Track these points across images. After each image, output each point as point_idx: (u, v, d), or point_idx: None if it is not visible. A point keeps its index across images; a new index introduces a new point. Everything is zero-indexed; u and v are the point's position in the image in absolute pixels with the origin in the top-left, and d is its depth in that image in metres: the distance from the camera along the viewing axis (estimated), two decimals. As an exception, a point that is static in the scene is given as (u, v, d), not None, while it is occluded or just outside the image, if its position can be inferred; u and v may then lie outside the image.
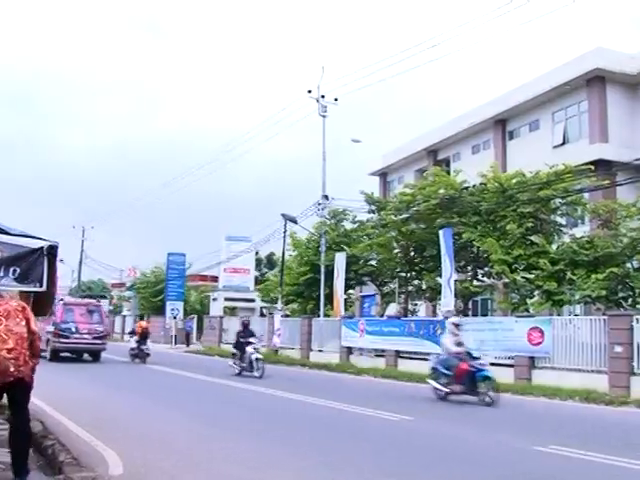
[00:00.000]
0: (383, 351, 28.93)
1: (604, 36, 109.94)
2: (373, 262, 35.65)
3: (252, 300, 55.08)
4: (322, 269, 35.54)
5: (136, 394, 18.63)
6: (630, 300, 23.40)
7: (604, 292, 22.41)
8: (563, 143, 37.11)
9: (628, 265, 23.98)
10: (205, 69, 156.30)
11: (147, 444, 10.38)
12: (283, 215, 37.96)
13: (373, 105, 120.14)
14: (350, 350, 31.21)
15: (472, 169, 30.56)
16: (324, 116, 37.53)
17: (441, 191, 29.46)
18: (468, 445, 11.32)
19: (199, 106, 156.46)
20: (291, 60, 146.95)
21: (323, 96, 37.43)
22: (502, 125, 41.75)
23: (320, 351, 33.31)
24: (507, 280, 27.06)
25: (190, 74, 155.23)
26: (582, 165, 27.37)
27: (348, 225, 38.99)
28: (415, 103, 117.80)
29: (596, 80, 35.22)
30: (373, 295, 40.39)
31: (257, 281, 62.38)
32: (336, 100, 37.75)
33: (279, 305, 39.84)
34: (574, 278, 23.59)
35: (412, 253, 32.83)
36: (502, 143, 41.62)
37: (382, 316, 33.34)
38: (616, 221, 24.90)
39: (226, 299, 54.36)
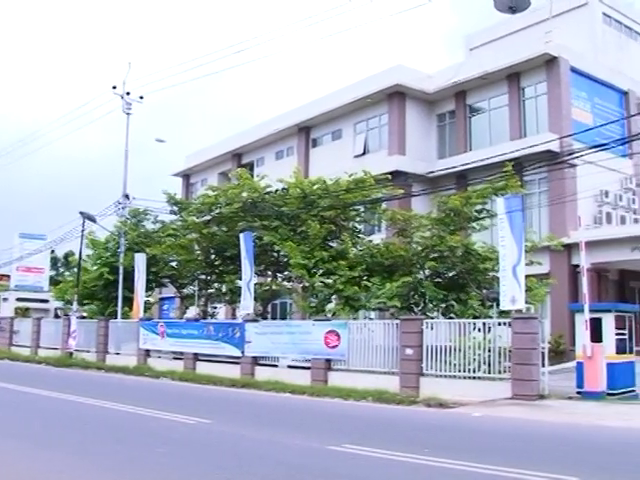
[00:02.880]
0: (182, 354, 28.58)
1: (407, 54, 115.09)
2: (174, 264, 35.16)
3: (46, 301, 52.78)
4: (121, 270, 34.64)
5: None
6: (421, 305, 24.49)
7: (397, 299, 23.30)
8: (364, 153, 38.48)
9: (420, 273, 25.09)
10: None
11: None
12: (81, 213, 36.65)
13: (181, 105, 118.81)
14: (148, 353, 30.58)
15: (276, 174, 30.90)
16: (128, 113, 36.72)
17: (244, 194, 29.56)
18: (261, 446, 11.36)
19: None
20: (98, 53, 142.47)
21: (128, 93, 36.60)
22: (306, 133, 42.67)
23: (117, 354, 32.39)
24: (306, 284, 27.55)
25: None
26: (381, 175, 28.44)
27: (150, 226, 38.23)
28: (223, 106, 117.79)
29: (396, 95, 36.86)
30: (173, 297, 39.87)
31: (53, 281, 59.86)
32: (142, 98, 37.05)
33: (74, 306, 38.37)
34: (369, 285, 24.34)
35: (213, 256, 32.66)
36: (305, 150, 42.53)
37: (182, 318, 32.98)
38: (410, 230, 25.95)
39: (18, 299, 51.76)
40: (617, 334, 19.15)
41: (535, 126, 34.02)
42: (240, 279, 27.69)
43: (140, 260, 32.98)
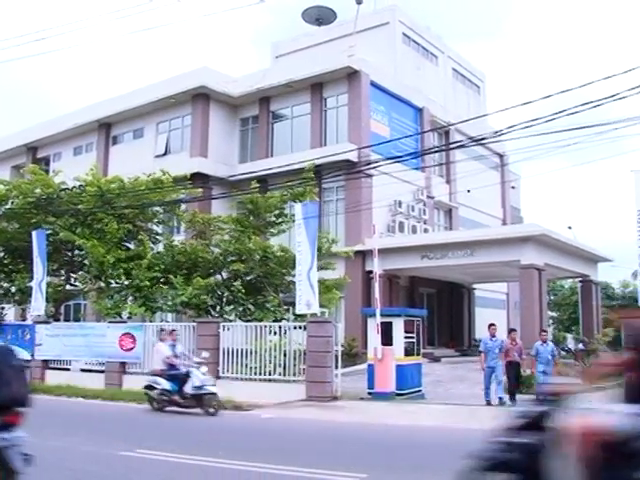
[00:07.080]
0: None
1: (216, 56, 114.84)
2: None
3: None
4: None
5: None
6: (218, 308, 24.51)
7: (195, 300, 23.19)
8: (165, 153, 38.01)
9: (218, 275, 25.12)
10: None
11: None
12: None
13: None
14: None
15: (74, 170, 29.81)
16: None
17: (37, 190, 28.30)
18: (48, 453, 10.87)
19: None
20: None
21: None
22: (107, 129, 41.55)
23: None
24: (102, 285, 26.82)
25: None
26: (181, 176, 28.19)
27: None
28: (18, 96, 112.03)
29: (201, 97, 36.68)
30: (-45, 297, 37.40)
31: None
32: None
33: None
34: (166, 288, 24.06)
35: (2, 253, 30.98)
36: (105, 147, 41.42)
37: (-37, 320, 31.04)
38: (209, 233, 25.91)
39: None
40: (406, 337, 20.12)
41: (335, 136, 34.98)
42: (31, 279, 26.54)
43: None
